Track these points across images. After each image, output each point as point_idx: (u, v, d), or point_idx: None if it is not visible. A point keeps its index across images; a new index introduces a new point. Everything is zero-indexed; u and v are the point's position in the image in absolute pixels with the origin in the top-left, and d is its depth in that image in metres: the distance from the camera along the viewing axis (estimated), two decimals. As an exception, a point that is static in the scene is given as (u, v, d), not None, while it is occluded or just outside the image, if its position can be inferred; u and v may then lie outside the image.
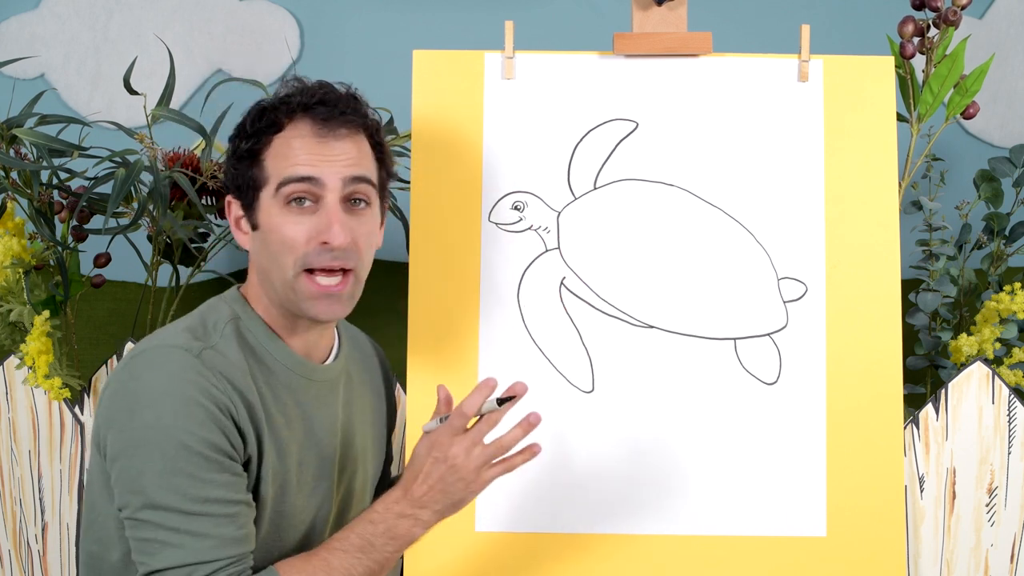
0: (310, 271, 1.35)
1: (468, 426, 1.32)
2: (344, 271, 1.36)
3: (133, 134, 1.81)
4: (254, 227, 1.39)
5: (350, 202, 1.36)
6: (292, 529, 1.40)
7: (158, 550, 1.26)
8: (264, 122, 1.37)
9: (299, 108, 1.36)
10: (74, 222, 1.88)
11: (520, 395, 1.31)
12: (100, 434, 1.32)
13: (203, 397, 1.28)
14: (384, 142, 1.43)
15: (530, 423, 1.32)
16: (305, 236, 1.34)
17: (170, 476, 1.26)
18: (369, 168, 1.39)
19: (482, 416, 1.32)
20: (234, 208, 1.41)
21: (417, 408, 1.59)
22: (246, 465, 1.33)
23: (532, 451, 1.34)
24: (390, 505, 1.33)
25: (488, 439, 1.32)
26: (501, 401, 1.32)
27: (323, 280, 1.35)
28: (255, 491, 1.35)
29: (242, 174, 1.38)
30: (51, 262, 1.88)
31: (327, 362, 1.46)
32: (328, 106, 1.36)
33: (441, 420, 1.33)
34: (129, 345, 1.85)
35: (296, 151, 1.34)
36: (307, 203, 1.34)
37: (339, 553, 1.32)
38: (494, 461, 1.32)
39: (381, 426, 1.59)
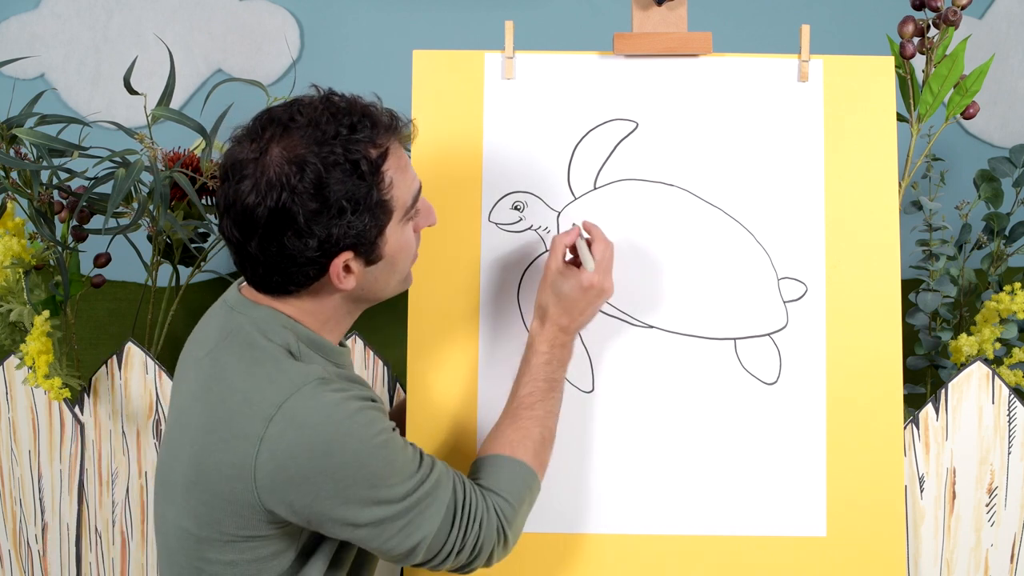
0: None
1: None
2: None
3: (133, 134, 1.81)
4: (373, 261, 1.37)
5: None
6: None
7: (417, 524, 1.33)
8: (373, 161, 1.33)
9: (385, 130, 1.35)
10: (74, 222, 1.88)
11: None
12: (278, 498, 1.30)
13: (357, 401, 1.33)
14: None
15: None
16: (416, 236, 1.44)
17: (389, 472, 1.31)
18: None
19: (591, 248, 1.52)
20: (340, 261, 1.34)
21: (417, 407, 1.59)
22: None
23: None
24: (553, 341, 1.50)
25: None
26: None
27: None
28: None
29: (374, 221, 1.34)
30: (51, 262, 1.88)
31: None
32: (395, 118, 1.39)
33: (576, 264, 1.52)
34: (130, 346, 1.85)
35: (407, 168, 1.38)
36: None
37: (539, 404, 1.47)
38: None
39: None
